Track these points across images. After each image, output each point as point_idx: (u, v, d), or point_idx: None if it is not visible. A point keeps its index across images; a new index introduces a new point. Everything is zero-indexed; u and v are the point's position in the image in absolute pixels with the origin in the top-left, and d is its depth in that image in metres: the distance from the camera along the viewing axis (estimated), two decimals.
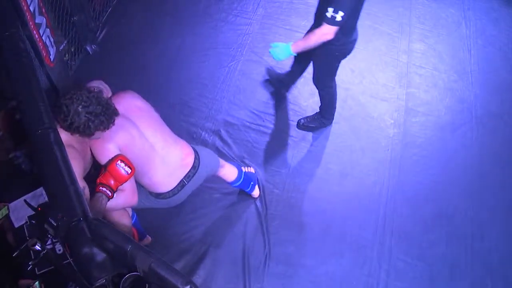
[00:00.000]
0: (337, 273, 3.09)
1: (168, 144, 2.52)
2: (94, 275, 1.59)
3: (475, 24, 4.78)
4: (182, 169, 2.56)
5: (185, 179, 2.57)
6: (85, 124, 2.08)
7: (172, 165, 2.52)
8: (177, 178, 2.55)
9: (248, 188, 3.25)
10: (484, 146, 3.84)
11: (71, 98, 2.07)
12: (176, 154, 2.54)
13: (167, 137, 2.54)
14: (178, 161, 2.54)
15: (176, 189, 2.55)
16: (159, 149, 2.46)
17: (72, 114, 2.06)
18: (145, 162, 2.41)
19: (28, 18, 2.71)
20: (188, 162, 2.59)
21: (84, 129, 2.09)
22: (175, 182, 2.54)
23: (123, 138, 2.33)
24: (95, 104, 2.09)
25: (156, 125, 2.51)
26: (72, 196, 1.69)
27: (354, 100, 3.99)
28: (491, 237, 3.36)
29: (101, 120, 2.11)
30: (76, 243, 1.62)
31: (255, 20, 4.45)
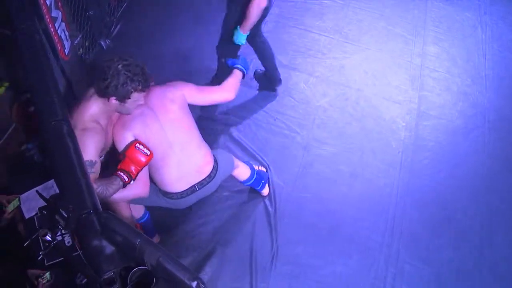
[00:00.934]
0: (344, 275, 3.08)
1: (190, 148, 2.52)
2: (103, 267, 1.60)
3: (491, 29, 4.74)
4: (197, 176, 2.56)
5: (197, 185, 2.57)
6: (124, 83, 2.14)
7: (187, 170, 2.52)
8: (188, 183, 2.54)
9: (258, 187, 3.25)
10: (495, 151, 3.80)
11: (112, 59, 2.16)
12: (194, 161, 2.54)
13: (190, 140, 2.53)
14: (194, 167, 2.54)
15: (185, 192, 2.55)
16: (178, 149, 2.46)
17: (113, 72, 2.13)
18: (159, 157, 2.42)
19: (44, 11, 2.74)
20: (205, 171, 2.59)
21: (122, 88, 2.14)
22: (186, 186, 2.54)
23: (139, 128, 2.34)
24: (134, 65, 2.17)
25: (182, 124, 2.51)
26: (83, 189, 1.70)
27: (367, 101, 3.98)
28: (500, 243, 3.32)
29: (139, 80, 2.17)
30: (85, 235, 1.64)
31: (269, 19, 4.41)
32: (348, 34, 4.47)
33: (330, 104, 3.92)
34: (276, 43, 4.24)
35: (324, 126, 3.78)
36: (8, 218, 2.36)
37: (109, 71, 2.13)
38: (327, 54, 4.26)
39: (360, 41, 4.43)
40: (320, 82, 4.06)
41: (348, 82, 4.10)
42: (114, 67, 2.13)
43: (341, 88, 4.04)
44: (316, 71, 4.13)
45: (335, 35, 4.45)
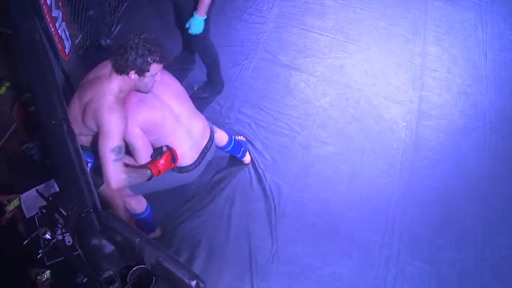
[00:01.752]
0: (344, 275, 3.08)
1: (191, 116, 2.58)
2: (102, 266, 1.61)
3: (492, 28, 4.74)
4: (203, 140, 2.63)
5: (204, 150, 2.63)
6: (142, 54, 2.16)
7: (196, 137, 2.58)
8: (198, 150, 2.61)
9: (239, 154, 3.32)
10: (496, 151, 3.80)
11: (128, 37, 2.20)
12: (198, 126, 2.61)
13: (190, 109, 2.60)
14: (199, 132, 2.61)
15: (197, 160, 2.60)
16: (184, 120, 2.51)
17: (131, 44, 2.16)
18: (170, 133, 2.45)
19: (45, 11, 2.74)
20: (206, 134, 2.67)
21: (142, 60, 2.17)
22: (197, 154, 2.60)
23: (145, 111, 2.36)
24: (150, 38, 2.22)
25: (180, 96, 2.56)
26: (82, 188, 1.71)
27: (367, 101, 3.98)
28: (502, 244, 3.32)
29: (157, 51, 2.20)
30: (85, 234, 1.64)
31: (269, 18, 4.45)
32: (349, 34, 4.47)
33: (330, 104, 3.91)
34: (276, 43, 4.26)
35: (325, 126, 3.78)
36: (8, 217, 2.37)
37: (128, 44, 2.17)
38: (327, 54, 4.26)
39: (361, 41, 4.43)
40: (321, 82, 4.05)
41: (349, 82, 4.10)
42: (132, 41, 2.17)
43: (341, 88, 4.04)
44: (317, 71, 4.13)
45: (335, 35, 4.45)
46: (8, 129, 3.16)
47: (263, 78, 4.02)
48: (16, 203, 2.35)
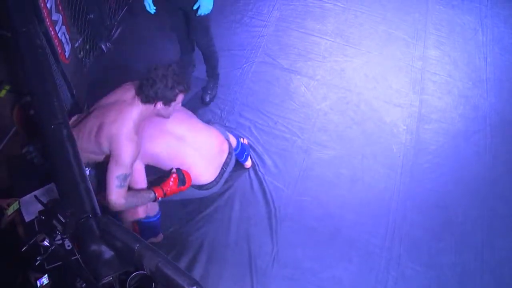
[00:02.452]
0: (345, 279, 3.07)
1: (201, 134, 2.57)
2: (101, 272, 1.60)
3: (492, 32, 4.74)
4: (221, 157, 2.62)
5: (224, 166, 2.62)
6: (172, 86, 2.21)
7: (211, 154, 2.57)
8: (218, 166, 2.60)
9: (242, 158, 3.30)
10: (497, 154, 3.79)
11: (152, 69, 2.24)
12: (212, 142, 2.60)
13: (196, 127, 2.60)
14: (215, 148, 2.60)
15: (218, 177, 2.60)
16: (191, 141, 2.50)
17: (161, 77, 2.20)
18: (178, 157, 2.45)
19: (45, 14, 2.74)
20: (224, 149, 2.65)
21: (171, 92, 2.22)
22: (217, 170, 2.60)
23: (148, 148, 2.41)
24: (178, 69, 2.26)
25: (184, 118, 2.57)
26: (82, 193, 1.70)
27: (367, 105, 3.97)
28: (503, 247, 3.31)
29: (184, 82, 2.26)
30: (84, 240, 1.64)
31: (270, 22, 4.45)
32: (349, 38, 4.47)
33: (330, 108, 3.91)
34: (276, 47, 4.26)
35: (325, 129, 3.78)
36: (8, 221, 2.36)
37: (156, 76, 2.20)
38: (328, 58, 4.26)
39: (361, 45, 4.43)
40: (321, 86, 4.05)
41: (349, 85, 4.09)
42: (161, 73, 2.21)
43: (342, 91, 4.04)
44: (317, 74, 4.13)
45: (336, 38, 4.45)
46: (8, 132, 3.16)
47: (263, 82, 4.02)
48: (15, 207, 2.34)
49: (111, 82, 3.74)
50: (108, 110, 2.28)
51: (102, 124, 2.24)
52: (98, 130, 2.25)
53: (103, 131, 2.23)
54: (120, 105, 2.28)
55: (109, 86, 3.68)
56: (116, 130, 2.20)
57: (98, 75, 3.83)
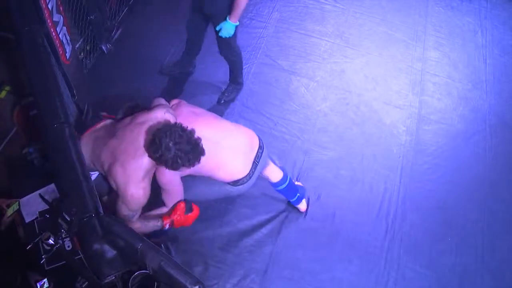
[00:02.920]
0: (344, 280, 3.07)
1: (230, 132, 2.57)
2: (104, 271, 1.60)
3: (491, 33, 4.75)
4: (253, 151, 2.61)
5: (256, 160, 2.61)
6: (173, 159, 2.12)
7: (243, 150, 2.57)
8: (250, 161, 2.59)
9: (293, 199, 3.22)
10: (497, 156, 3.80)
11: (164, 132, 2.12)
12: (241, 138, 2.59)
13: (225, 126, 2.59)
14: (247, 144, 2.60)
15: (251, 171, 2.59)
16: (223, 141, 2.49)
17: (164, 148, 2.10)
18: (212, 159, 2.42)
19: (46, 15, 2.74)
20: (255, 143, 2.64)
21: (172, 163, 2.14)
22: (250, 165, 2.58)
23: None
24: (185, 143, 2.13)
25: (212, 120, 2.58)
26: (85, 192, 1.70)
27: (367, 106, 3.98)
28: (503, 249, 3.32)
29: (188, 158, 2.15)
30: (87, 239, 1.64)
31: (270, 23, 4.45)
32: (349, 39, 4.48)
33: (330, 109, 3.92)
34: (276, 48, 4.26)
35: (325, 130, 3.78)
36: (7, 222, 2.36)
37: (161, 147, 2.11)
38: (327, 59, 4.27)
39: (361, 46, 4.44)
40: (321, 87, 4.06)
41: (349, 86, 4.10)
42: (165, 144, 2.10)
43: (341, 92, 4.05)
44: (317, 75, 4.14)
45: (335, 39, 4.45)
46: (9, 133, 3.15)
47: (263, 83, 4.02)
48: (15, 208, 2.34)
49: (111, 82, 3.78)
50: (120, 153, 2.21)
51: (111, 166, 2.19)
52: (109, 169, 2.21)
53: (112, 173, 2.19)
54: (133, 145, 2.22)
55: (109, 87, 3.73)
56: (124, 174, 2.16)
57: (98, 76, 3.83)
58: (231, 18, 3.14)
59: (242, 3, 3.07)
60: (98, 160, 2.24)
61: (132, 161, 2.17)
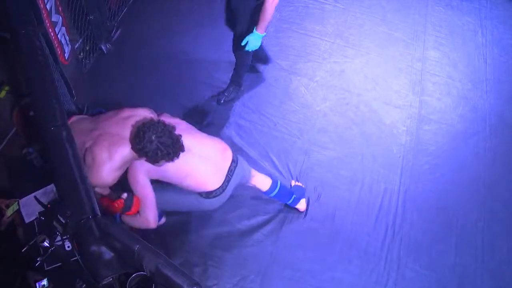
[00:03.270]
0: (345, 280, 3.07)
1: (203, 144, 2.58)
2: (101, 273, 1.60)
3: (491, 33, 4.75)
4: (225, 163, 2.62)
5: (229, 173, 2.62)
6: (154, 151, 2.22)
7: (214, 160, 2.57)
8: (223, 173, 2.60)
9: (289, 201, 3.22)
10: (497, 155, 3.80)
11: (148, 126, 2.22)
12: (214, 149, 2.60)
13: (199, 138, 2.61)
14: (218, 156, 2.60)
15: (224, 184, 2.59)
16: (193, 149, 2.50)
17: (146, 140, 2.20)
18: (180, 165, 2.44)
19: (44, 16, 2.74)
20: (227, 155, 2.64)
21: (152, 155, 2.23)
22: (222, 177, 2.59)
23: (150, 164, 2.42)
24: (166, 137, 2.23)
25: (186, 130, 2.56)
26: (82, 194, 1.70)
27: (367, 106, 3.97)
28: (503, 249, 3.31)
29: (168, 151, 2.24)
30: (84, 241, 1.63)
31: (270, 23, 4.43)
32: (349, 39, 4.47)
33: (330, 109, 3.91)
34: (276, 48, 4.25)
35: (325, 130, 3.78)
36: (7, 222, 2.36)
37: (143, 139, 2.21)
38: (327, 59, 4.26)
39: (361, 46, 4.43)
40: (321, 87, 4.05)
41: (349, 86, 4.10)
42: (148, 136, 2.21)
43: (341, 92, 4.04)
44: (317, 75, 4.13)
45: (335, 39, 4.45)
46: (8, 133, 3.16)
47: (263, 83, 4.02)
48: (15, 208, 2.34)
49: (110, 82, 3.78)
50: (103, 140, 2.31)
51: (93, 145, 2.28)
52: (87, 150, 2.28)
53: (92, 150, 2.27)
54: (116, 139, 2.31)
55: (109, 87, 3.73)
56: (101, 160, 2.25)
57: (98, 76, 3.84)
58: (258, 29, 3.11)
59: (269, 15, 3.04)
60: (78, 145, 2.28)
61: (114, 148, 2.26)
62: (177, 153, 2.30)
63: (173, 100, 3.75)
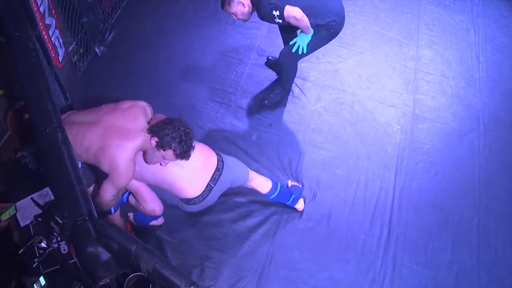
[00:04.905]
0: (341, 279, 3.08)
1: None
2: (99, 274, 1.60)
3: (484, 31, 4.77)
4: (207, 172, 2.59)
5: (211, 182, 2.58)
6: (172, 138, 2.27)
7: (195, 168, 2.54)
8: (204, 182, 2.57)
9: (288, 202, 3.23)
10: (491, 153, 3.82)
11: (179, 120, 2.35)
12: (198, 156, 2.55)
13: None
14: (199, 163, 2.56)
15: (204, 193, 2.57)
16: None
17: (173, 126, 2.29)
18: (157, 170, 2.45)
19: (38, 19, 2.73)
20: (211, 164, 2.61)
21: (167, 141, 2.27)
22: (203, 186, 2.57)
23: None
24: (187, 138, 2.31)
25: None
26: (78, 196, 1.70)
27: (361, 105, 3.99)
28: (498, 246, 3.33)
29: (182, 146, 2.29)
30: (81, 242, 1.63)
31: (263, 24, 4.44)
32: (342, 38, 4.47)
33: (325, 109, 3.92)
34: (270, 48, 4.26)
35: (320, 130, 3.79)
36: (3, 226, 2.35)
37: (171, 124, 2.29)
38: (321, 59, 4.27)
39: (354, 45, 4.45)
40: (315, 87, 4.06)
41: (343, 86, 4.11)
42: (176, 125, 2.30)
43: (336, 92, 4.05)
44: (311, 75, 4.14)
45: None
46: (2, 137, 3.14)
47: (257, 83, 4.02)
48: (11, 212, 2.33)
49: (105, 85, 3.78)
50: (113, 133, 2.31)
51: (105, 146, 2.28)
52: (100, 150, 2.29)
53: (106, 153, 2.28)
54: (127, 132, 2.33)
55: (103, 90, 3.73)
56: (119, 156, 2.27)
57: (92, 79, 3.83)
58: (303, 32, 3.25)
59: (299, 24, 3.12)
60: (81, 147, 2.30)
61: (127, 142, 2.29)
62: (187, 155, 2.34)
63: (167, 101, 3.75)
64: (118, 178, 2.31)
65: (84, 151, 2.31)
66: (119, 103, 2.48)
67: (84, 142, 2.30)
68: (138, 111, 2.40)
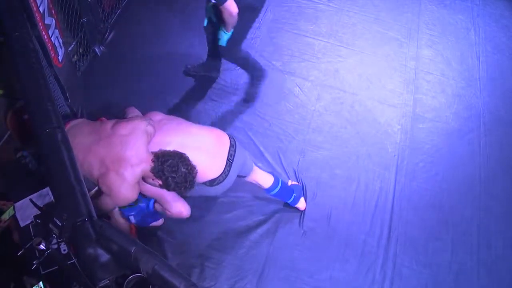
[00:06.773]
0: (341, 279, 3.07)
1: (197, 135, 2.58)
2: (98, 275, 1.60)
3: (484, 31, 4.77)
4: (223, 150, 2.61)
5: (229, 158, 2.61)
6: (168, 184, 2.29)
7: (211, 148, 2.56)
8: (223, 160, 2.58)
9: (289, 200, 3.23)
10: (491, 153, 3.81)
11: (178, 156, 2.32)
12: (210, 137, 2.59)
13: (194, 130, 2.60)
14: (215, 144, 2.59)
15: (226, 169, 2.59)
16: (189, 143, 2.50)
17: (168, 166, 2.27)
18: None
19: (37, 19, 2.72)
20: (224, 141, 2.63)
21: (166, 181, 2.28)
22: (223, 163, 2.58)
23: None
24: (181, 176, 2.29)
25: (179, 126, 2.59)
26: (77, 197, 1.69)
27: (361, 105, 3.98)
28: (498, 246, 3.33)
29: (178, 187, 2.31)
30: (80, 243, 1.63)
31: (263, 23, 4.45)
32: (343, 38, 4.48)
33: (325, 108, 3.92)
34: (270, 48, 4.26)
35: (320, 130, 3.78)
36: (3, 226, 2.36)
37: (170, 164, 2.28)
38: (321, 58, 4.27)
39: (355, 45, 4.44)
40: (315, 87, 4.06)
41: (343, 86, 4.10)
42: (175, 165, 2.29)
43: (336, 92, 4.05)
44: (311, 75, 4.14)
45: (329, 39, 4.46)
46: (2, 137, 3.14)
47: (257, 83, 4.01)
48: (11, 213, 2.33)
49: (105, 85, 3.78)
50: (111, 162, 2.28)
51: (104, 174, 2.27)
52: (101, 177, 2.28)
53: (105, 181, 2.27)
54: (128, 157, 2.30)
55: (103, 89, 3.72)
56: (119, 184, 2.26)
57: (92, 79, 3.83)
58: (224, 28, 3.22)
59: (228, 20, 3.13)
60: (82, 166, 2.27)
61: (129, 169, 2.26)
62: (186, 191, 2.36)
63: (167, 101, 3.75)
64: (117, 200, 2.32)
65: (86, 172, 2.30)
66: (118, 126, 2.41)
67: (84, 164, 2.28)
68: (137, 138, 2.34)
